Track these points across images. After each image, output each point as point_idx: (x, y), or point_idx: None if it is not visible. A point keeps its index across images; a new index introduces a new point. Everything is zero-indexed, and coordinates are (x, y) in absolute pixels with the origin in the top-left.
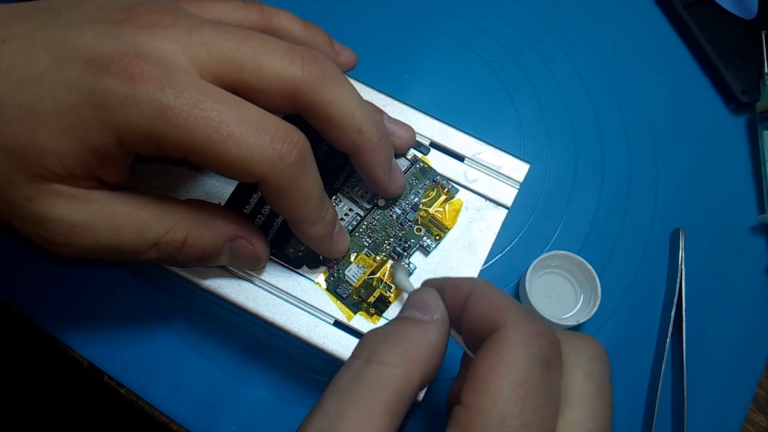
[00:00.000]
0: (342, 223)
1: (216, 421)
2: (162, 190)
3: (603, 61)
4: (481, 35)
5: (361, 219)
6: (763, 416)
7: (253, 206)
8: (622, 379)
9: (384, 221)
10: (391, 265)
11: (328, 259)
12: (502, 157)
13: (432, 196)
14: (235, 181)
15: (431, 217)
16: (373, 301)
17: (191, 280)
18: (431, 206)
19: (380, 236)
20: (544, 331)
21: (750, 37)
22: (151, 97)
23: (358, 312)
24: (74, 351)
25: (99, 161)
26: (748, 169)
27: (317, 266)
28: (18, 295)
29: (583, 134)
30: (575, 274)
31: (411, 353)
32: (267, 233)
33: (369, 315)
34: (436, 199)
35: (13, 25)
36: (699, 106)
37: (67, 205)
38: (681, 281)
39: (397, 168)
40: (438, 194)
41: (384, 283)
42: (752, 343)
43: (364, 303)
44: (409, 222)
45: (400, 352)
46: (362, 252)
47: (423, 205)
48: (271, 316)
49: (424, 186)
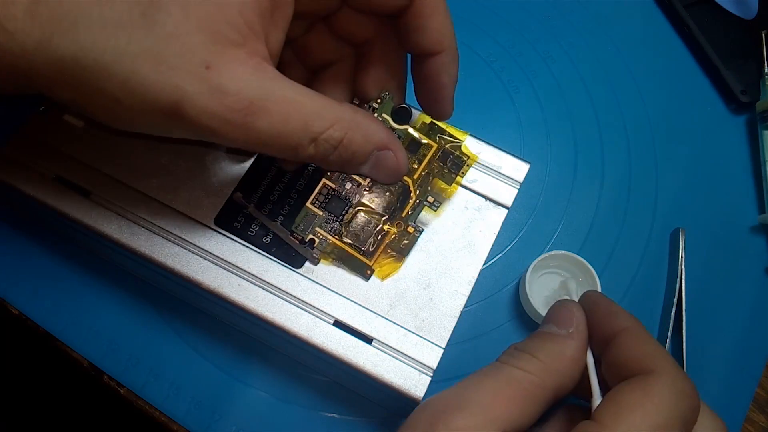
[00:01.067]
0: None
1: (216, 421)
2: (162, 190)
3: (603, 61)
4: (481, 35)
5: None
6: (763, 416)
7: (263, 190)
8: None
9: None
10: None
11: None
12: (502, 157)
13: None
14: (235, 180)
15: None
16: (393, 239)
17: (192, 280)
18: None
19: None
20: (692, 393)
21: (750, 37)
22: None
23: (377, 257)
24: (74, 351)
25: (272, 4)
26: (748, 169)
27: (315, 261)
28: (18, 295)
29: (583, 134)
30: (575, 274)
31: (546, 364)
32: (274, 220)
33: (392, 258)
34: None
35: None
36: (699, 106)
37: (244, 75)
38: (681, 281)
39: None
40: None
41: (402, 226)
42: (752, 343)
43: (380, 247)
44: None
45: (535, 362)
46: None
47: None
48: (271, 316)
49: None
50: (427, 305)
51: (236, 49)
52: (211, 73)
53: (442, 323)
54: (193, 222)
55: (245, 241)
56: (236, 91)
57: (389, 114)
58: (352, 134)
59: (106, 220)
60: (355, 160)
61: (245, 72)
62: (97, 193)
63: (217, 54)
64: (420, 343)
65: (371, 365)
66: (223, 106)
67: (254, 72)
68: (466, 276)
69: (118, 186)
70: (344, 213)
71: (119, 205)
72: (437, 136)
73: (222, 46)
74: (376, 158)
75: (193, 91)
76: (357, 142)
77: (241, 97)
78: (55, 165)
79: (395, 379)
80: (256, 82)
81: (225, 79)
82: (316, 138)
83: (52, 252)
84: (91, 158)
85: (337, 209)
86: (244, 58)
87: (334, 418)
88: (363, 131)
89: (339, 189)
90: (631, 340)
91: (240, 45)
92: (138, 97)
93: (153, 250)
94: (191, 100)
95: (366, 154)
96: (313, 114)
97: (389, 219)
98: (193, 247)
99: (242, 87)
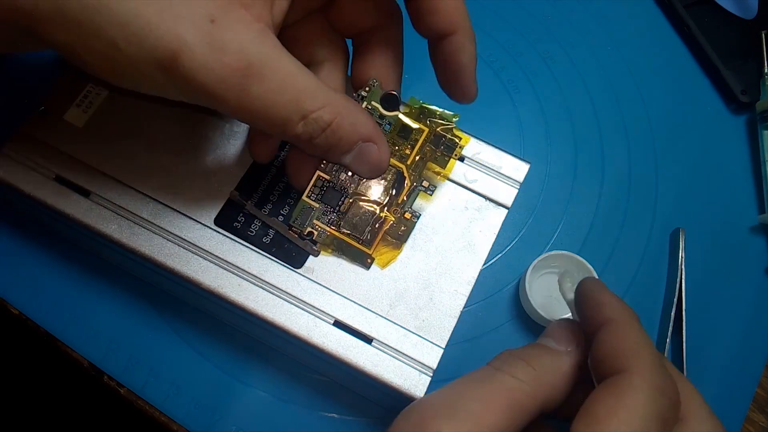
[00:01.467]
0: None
1: (216, 421)
2: (162, 190)
3: (603, 61)
4: (481, 35)
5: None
6: (763, 416)
7: (264, 188)
8: None
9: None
10: (559, 275)
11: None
12: (501, 157)
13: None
14: (235, 181)
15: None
16: (391, 226)
17: (192, 280)
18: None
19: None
20: (669, 389)
21: (750, 37)
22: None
23: (376, 245)
24: (74, 351)
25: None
26: (748, 169)
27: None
28: (18, 295)
29: (583, 134)
30: (575, 274)
31: (540, 375)
32: (275, 217)
33: (391, 245)
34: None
35: None
36: (699, 106)
37: (247, 37)
38: (681, 281)
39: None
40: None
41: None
42: (752, 343)
43: (379, 235)
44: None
45: (530, 371)
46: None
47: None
48: (271, 316)
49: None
50: (427, 305)
51: (243, 10)
52: (215, 28)
53: (442, 323)
54: (193, 222)
55: (245, 241)
56: (236, 51)
57: (378, 101)
58: (341, 120)
59: (106, 220)
60: (340, 147)
61: (248, 34)
62: (97, 193)
63: (223, 10)
64: (420, 343)
65: (371, 365)
66: (221, 63)
67: (257, 36)
68: (466, 276)
69: (118, 186)
70: (340, 204)
71: (119, 205)
72: (428, 120)
73: (229, 2)
74: (359, 150)
75: (194, 42)
76: (345, 128)
77: (240, 57)
78: (55, 165)
79: (395, 379)
80: (257, 46)
81: (227, 37)
82: (306, 116)
83: (52, 252)
84: (91, 158)
85: (333, 200)
86: (250, 20)
87: (334, 418)
88: (352, 119)
89: (334, 180)
90: (610, 336)
91: (248, 6)
92: (136, 42)
93: (153, 250)
94: (190, 51)
95: (351, 143)
96: (307, 91)
97: (385, 206)
98: (193, 247)
99: (243, 48)
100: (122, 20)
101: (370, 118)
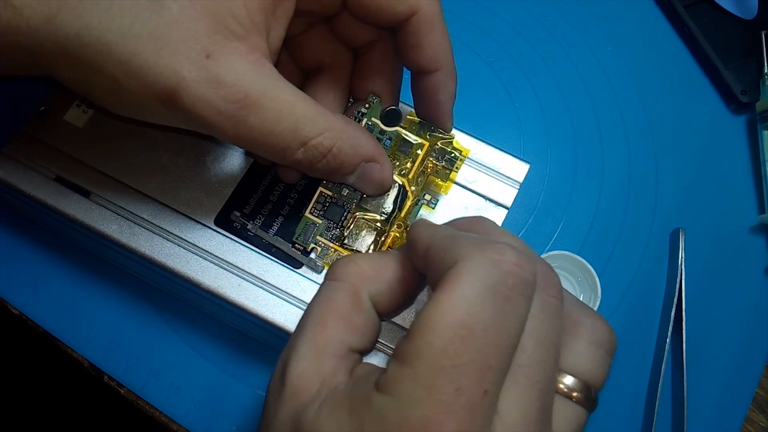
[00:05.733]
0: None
1: (216, 421)
2: (162, 190)
3: (603, 61)
4: (481, 35)
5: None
6: (763, 416)
7: (263, 191)
8: (622, 379)
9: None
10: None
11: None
12: (501, 157)
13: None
14: (235, 181)
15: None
16: (395, 240)
17: (192, 280)
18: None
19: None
20: (504, 255)
21: (750, 37)
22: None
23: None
24: (74, 351)
25: (275, 1)
26: (748, 169)
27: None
28: (18, 295)
29: (583, 134)
30: (575, 274)
31: (362, 269)
32: (274, 220)
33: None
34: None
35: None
36: (699, 106)
37: (243, 69)
38: (681, 281)
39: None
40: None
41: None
42: (752, 343)
43: (383, 249)
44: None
45: (351, 267)
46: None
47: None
48: (271, 316)
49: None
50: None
51: (238, 42)
52: (211, 62)
53: None
54: (193, 222)
55: (245, 241)
56: (233, 83)
57: (378, 117)
58: (341, 144)
59: (106, 220)
60: (343, 171)
61: (244, 65)
62: (97, 193)
63: (218, 44)
64: None
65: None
66: (218, 96)
67: (253, 67)
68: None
69: (118, 186)
70: (343, 219)
71: (119, 205)
72: (428, 134)
73: (224, 37)
74: (363, 170)
75: (191, 78)
76: (346, 152)
77: (237, 89)
78: (55, 165)
79: None
80: (253, 77)
81: (223, 70)
82: (305, 143)
83: (52, 252)
84: (91, 158)
85: (335, 216)
86: (245, 51)
87: None
88: (353, 142)
89: (336, 196)
90: (417, 239)
91: (242, 38)
92: (137, 79)
93: (153, 250)
94: (188, 87)
95: (354, 165)
96: (305, 118)
97: (388, 221)
98: (193, 247)
99: (239, 80)
100: (122, 59)
101: (371, 137)
